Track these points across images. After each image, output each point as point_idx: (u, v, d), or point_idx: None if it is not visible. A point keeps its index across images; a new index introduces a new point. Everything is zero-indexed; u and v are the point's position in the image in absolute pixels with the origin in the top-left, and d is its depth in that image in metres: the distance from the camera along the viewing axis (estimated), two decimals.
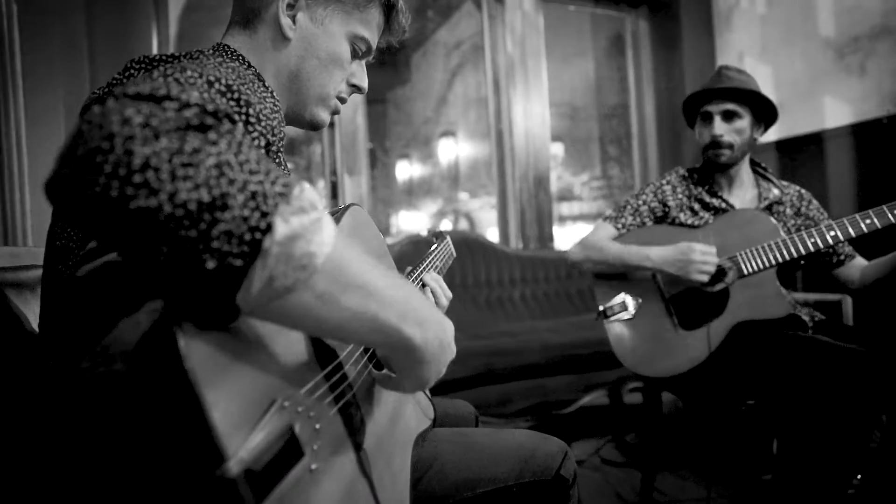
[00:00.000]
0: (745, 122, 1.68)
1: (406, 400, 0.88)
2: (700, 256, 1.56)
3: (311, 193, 0.48)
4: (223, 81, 0.59)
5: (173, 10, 2.66)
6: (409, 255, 2.62)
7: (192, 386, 0.42)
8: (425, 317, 0.58)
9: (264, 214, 0.43)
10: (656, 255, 1.62)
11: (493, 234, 3.52)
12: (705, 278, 1.57)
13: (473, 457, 0.93)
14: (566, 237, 4.31)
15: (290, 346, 0.56)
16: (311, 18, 0.86)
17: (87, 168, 0.40)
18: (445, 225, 4.56)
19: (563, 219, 4.60)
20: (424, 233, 1.27)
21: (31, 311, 0.88)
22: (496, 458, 0.93)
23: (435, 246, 1.22)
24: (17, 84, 1.93)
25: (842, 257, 1.71)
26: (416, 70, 5.05)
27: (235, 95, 0.60)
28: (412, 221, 4.75)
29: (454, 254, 1.35)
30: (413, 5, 4.58)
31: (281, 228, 0.44)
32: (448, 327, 0.63)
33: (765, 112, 1.71)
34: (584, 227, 4.55)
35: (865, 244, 1.63)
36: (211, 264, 0.41)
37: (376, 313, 0.52)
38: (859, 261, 1.71)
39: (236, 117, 0.49)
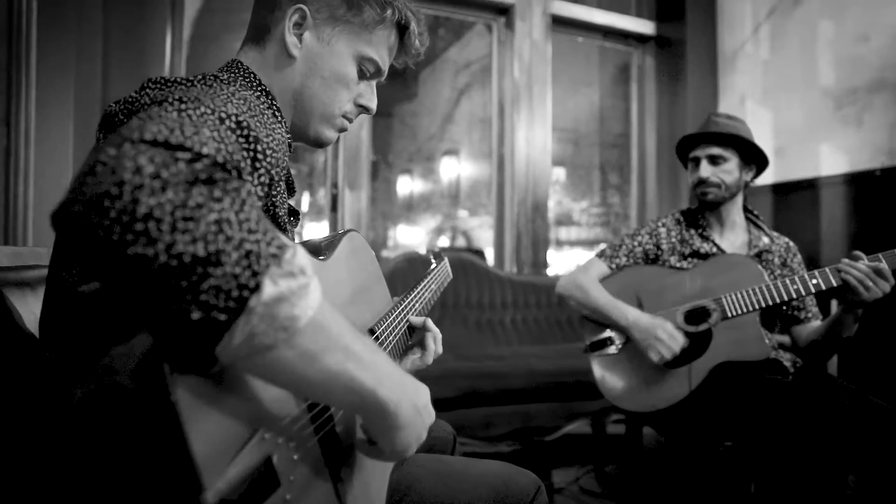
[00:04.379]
0: (731, 165, 1.72)
1: None
2: (665, 337, 1.60)
3: (303, 258, 0.50)
4: (234, 118, 0.61)
5: (189, 11, 2.70)
6: (404, 272, 2.65)
7: (176, 417, 0.44)
8: (399, 381, 0.60)
9: (255, 274, 0.45)
10: (633, 316, 1.67)
11: (489, 254, 3.55)
12: (656, 358, 1.61)
13: (450, 484, 0.95)
14: (563, 262, 4.34)
15: None
16: (318, 38, 0.87)
17: (94, 209, 0.42)
18: (443, 242, 4.58)
19: (560, 243, 4.63)
20: (423, 251, 1.28)
21: (30, 311, 0.90)
22: (471, 487, 0.94)
23: (432, 267, 1.23)
24: (31, 79, 1.95)
25: (809, 315, 1.74)
26: (423, 86, 5.10)
27: (245, 132, 0.62)
28: (410, 236, 4.78)
29: (451, 275, 1.36)
30: (425, 22, 4.64)
31: (269, 290, 0.46)
32: (422, 391, 0.65)
33: (753, 155, 1.74)
34: (581, 252, 4.58)
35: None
36: (196, 315, 0.43)
37: (353, 375, 0.54)
38: (816, 323, 1.74)
39: (244, 168, 0.51)
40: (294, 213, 0.94)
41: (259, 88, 0.85)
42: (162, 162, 0.45)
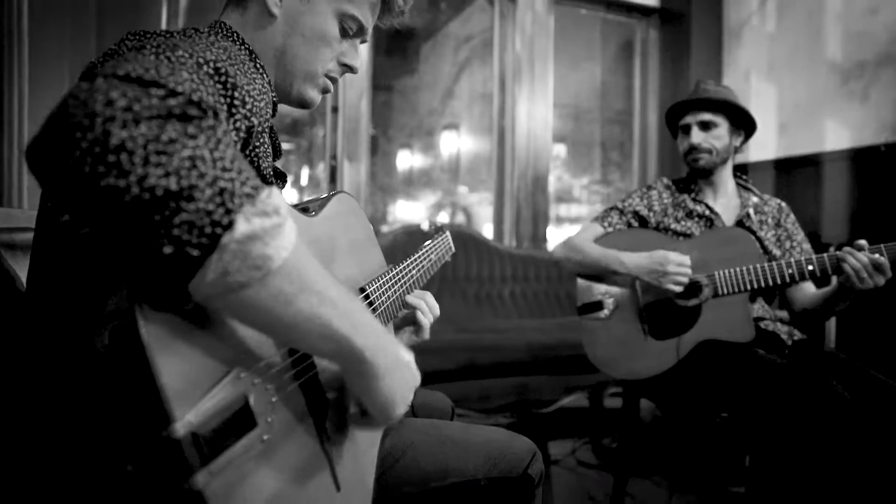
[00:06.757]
0: (722, 130, 1.74)
1: None
2: (674, 268, 1.58)
3: (278, 199, 0.49)
4: (212, 63, 0.60)
5: None
6: (403, 245, 2.64)
7: (144, 350, 0.44)
8: (375, 331, 0.59)
9: (228, 211, 0.45)
10: (630, 260, 1.65)
11: (488, 230, 3.54)
12: (679, 289, 1.59)
13: (446, 449, 0.95)
14: (561, 238, 4.32)
15: None
16: None
17: (65, 141, 0.42)
18: (443, 217, 4.56)
19: (560, 220, 4.61)
20: (426, 226, 1.27)
21: (23, 271, 0.89)
22: (468, 451, 0.95)
23: (430, 242, 1.22)
24: (23, 50, 1.92)
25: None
26: (424, 61, 5.04)
27: (223, 78, 0.61)
28: (410, 211, 4.76)
29: (453, 248, 1.34)
30: None
31: (241, 227, 0.45)
32: (403, 349, 0.65)
33: (742, 120, 1.76)
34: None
35: None
36: (168, 250, 0.43)
37: (329, 320, 0.53)
38: (810, 285, 1.75)
39: (221, 110, 0.50)
40: (281, 176, 0.92)
41: (242, 46, 0.84)
42: (134, 96, 0.44)
